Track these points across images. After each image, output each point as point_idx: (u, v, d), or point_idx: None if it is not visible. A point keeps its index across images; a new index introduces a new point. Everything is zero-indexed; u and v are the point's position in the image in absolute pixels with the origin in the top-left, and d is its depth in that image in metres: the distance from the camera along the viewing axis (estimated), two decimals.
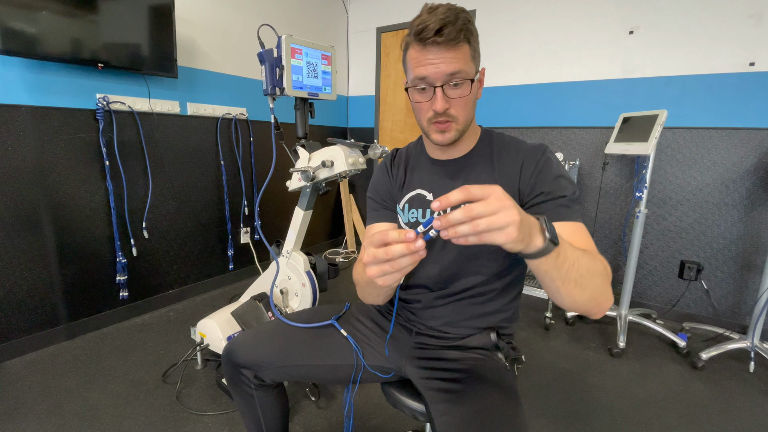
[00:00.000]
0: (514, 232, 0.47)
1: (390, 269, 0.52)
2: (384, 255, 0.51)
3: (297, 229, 1.74)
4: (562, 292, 0.60)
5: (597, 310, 0.66)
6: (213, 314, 1.72)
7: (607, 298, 0.65)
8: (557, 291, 0.61)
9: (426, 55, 0.71)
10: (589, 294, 0.61)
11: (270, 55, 1.51)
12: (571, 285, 0.59)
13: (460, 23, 0.69)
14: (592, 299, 0.63)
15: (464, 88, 0.73)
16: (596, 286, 0.62)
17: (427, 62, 0.71)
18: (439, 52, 0.70)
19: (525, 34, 2.69)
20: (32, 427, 1.39)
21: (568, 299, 0.62)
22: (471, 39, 0.73)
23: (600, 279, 0.62)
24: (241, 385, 0.95)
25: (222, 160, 2.56)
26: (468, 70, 0.72)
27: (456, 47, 0.70)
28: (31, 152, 1.77)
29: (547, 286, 0.61)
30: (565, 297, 0.61)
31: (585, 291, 0.61)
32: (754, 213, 2.15)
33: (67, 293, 1.95)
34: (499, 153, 0.83)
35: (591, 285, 0.61)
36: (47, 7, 1.63)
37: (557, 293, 0.61)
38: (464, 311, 0.88)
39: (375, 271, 0.53)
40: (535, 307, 2.51)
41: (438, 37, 0.68)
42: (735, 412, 1.58)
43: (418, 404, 0.86)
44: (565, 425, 1.48)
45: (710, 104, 2.19)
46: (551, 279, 0.59)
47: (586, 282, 0.60)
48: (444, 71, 0.71)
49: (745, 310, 2.21)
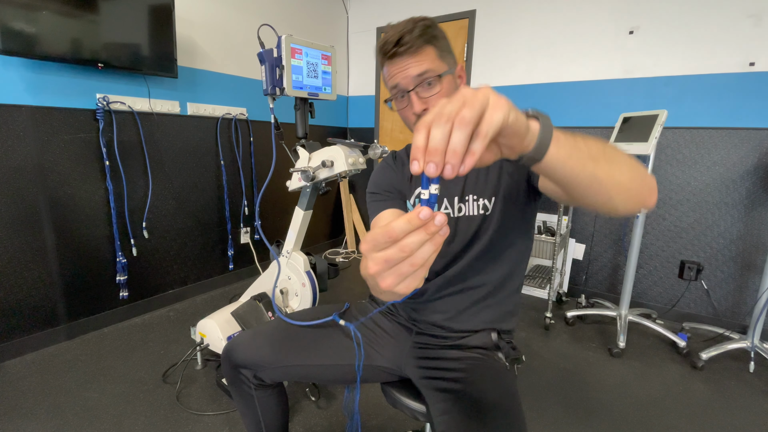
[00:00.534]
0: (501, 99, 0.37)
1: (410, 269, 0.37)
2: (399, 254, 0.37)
3: (297, 229, 1.74)
4: (600, 175, 0.48)
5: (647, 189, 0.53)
6: (213, 314, 1.72)
7: (648, 175, 0.54)
8: (595, 175, 0.48)
9: (393, 67, 0.77)
10: (627, 168, 0.51)
11: (270, 55, 1.51)
12: (602, 162, 0.48)
13: (417, 31, 0.74)
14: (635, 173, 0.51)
15: (436, 86, 0.77)
16: (627, 159, 0.52)
17: (396, 72, 0.77)
18: (403, 60, 0.76)
19: (525, 34, 2.69)
20: (32, 427, 1.39)
21: (611, 182, 0.49)
22: (434, 42, 0.76)
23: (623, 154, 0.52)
24: (241, 385, 0.95)
25: (222, 160, 2.56)
26: (436, 68, 0.76)
27: (418, 52, 0.75)
28: (31, 152, 1.77)
29: (582, 179, 0.48)
30: (607, 181, 0.49)
31: (622, 166, 0.50)
32: (754, 213, 2.15)
33: (67, 293, 1.95)
34: None
35: (621, 158, 0.51)
36: (47, 7, 1.62)
37: (597, 180, 0.49)
38: (466, 304, 0.88)
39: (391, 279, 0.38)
40: (535, 307, 2.51)
41: (398, 47, 0.74)
42: (735, 412, 1.58)
43: (418, 404, 0.86)
44: (565, 425, 1.48)
45: (710, 104, 2.19)
46: (581, 162, 0.47)
47: (614, 155, 0.50)
48: (411, 75, 0.75)
49: (745, 310, 2.21)
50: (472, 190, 0.85)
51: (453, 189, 0.86)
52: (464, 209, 0.85)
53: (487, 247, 0.84)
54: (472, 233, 0.84)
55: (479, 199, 0.84)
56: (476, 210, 0.84)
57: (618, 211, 0.53)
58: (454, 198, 0.86)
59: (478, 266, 0.86)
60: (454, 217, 0.86)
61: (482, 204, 0.84)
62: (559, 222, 2.21)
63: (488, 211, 0.83)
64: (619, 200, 0.51)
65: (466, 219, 0.85)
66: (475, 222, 0.84)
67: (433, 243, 0.37)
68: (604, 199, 0.51)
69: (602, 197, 0.51)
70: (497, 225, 0.83)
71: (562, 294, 2.60)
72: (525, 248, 0.89)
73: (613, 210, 0.53)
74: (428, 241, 0.36)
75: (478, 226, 0.84)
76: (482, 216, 0.84)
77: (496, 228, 0.83)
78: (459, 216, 0.86)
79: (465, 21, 2.90)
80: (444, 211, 0.85)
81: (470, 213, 0.85)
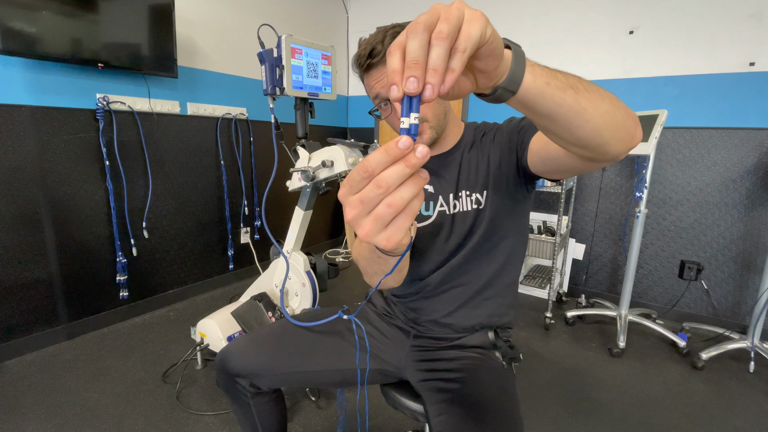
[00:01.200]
0: (475, 11, 0.34)
1: (388, 210, 0.33)
2: (375, 190, 0.32)
3: (297, 229, 1.74)
4: (582, 104, 0.45)
5: (632, 122, 0.51)
6: (213, 314, 1.72)
7: (633, 116, 0.51)
8: (577, 104, 0.45)
9: (371, 78, 0.79)
10: (608, 98, 0.48)
11: (270, 55, 1.51)
12: (582, 91, 0.45)
13: (388, 40, 0.74)
14: (616, 104, 0.49)
15: None
16: (603, 90, 0.49)
17: (373, 83, 0.79)
18: (378, 71, 0.77)
19: (525, 34, 2.69)
20: (32, 427, 1.39)
21: (594, 112, 0.46)
22: None
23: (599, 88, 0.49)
24: (237, 393, 0.93)
25: (222, 160, 2.56)
26: None
27: None
28: (31, 152, 1.77)
29: (563, 110, 0.45)
30: (591, 110, 0.46)
31: (602, 95, 0.47)
32: (754, 213, 2.15)
33: (67, 293, 1.95)
34: (481, 137, 0.87)
35: (598, 89, 0.48)
36: (47, 7, 1.63)
37: (580, 109, 0.45)
38: (464, 298, 0.88)
39: (369, 225, 0.34)
40: (535, 307, 2.51)
41: (371, 59, 0.76)
42: (735, 412, 1.58)
43: (418, 405, 0.86)
44: (565, 425, 1.48)
45: (710, 104, 2.19)
46: (560, 91, 0.44)
47: (590, 85, 0.47)
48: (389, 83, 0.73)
49: (745, 310, 2.21)
50: (465, 186, 0.85)
51: (447, 186, 0.86)
52: (458, 205, 0.85)
53: (481, 240, 0.84)
54: (468, 228, 0.85)
55: (472, 193, 0.84)
56: (469, 205, 0.84)
57: (610, 147, 0.50)
58: (449, 195, 0.86)
59: (474, 260, 0.86)
60: (450, 213, 0.86)
61: (475, 198, 0.84)
62: (559, 222, 2.21)
63: (481, 204, 0.84)
64: (608, 132, 0.48)
65: (461, 215, 0.85)
66: (470, 217, 0.84)
67: (414, 183, 0.32)
68: (593, 131, 0.48)
69: (590, 129, 0.47)
70: (490, 217, 0.83)
71: (562, 294, 2.60)
72: (520, 240, 0.89)
73: (605, 146, 0.50)
74: (409, 180, 0.32)
75: (473, 221, 0.84)
76: (476, 210, 0.84)
77: (489, 220, 0.83)
78: (455, 212, 0.86)
79: None
80: (440, 208, 0.86)
81: (464, 209, 0.85)
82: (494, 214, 0.83)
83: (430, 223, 0.86)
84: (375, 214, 0.33)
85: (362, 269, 0.73)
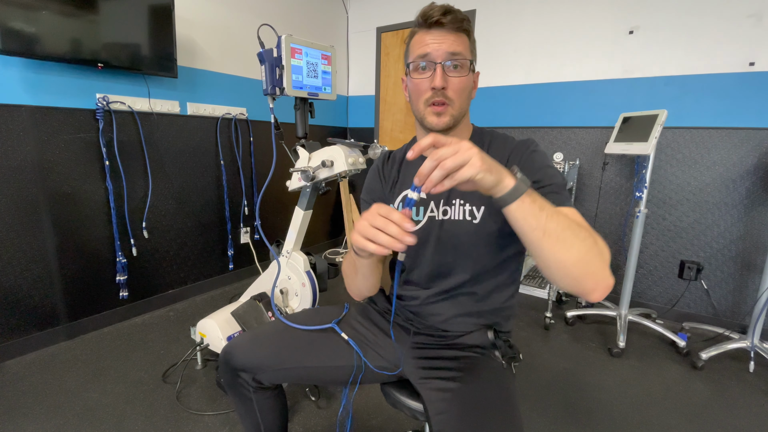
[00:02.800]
0: (478, 161, 0.53)
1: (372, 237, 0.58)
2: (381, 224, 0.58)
3: (297, 229, 1.74)
4: (545, 248, 0.59)
5: (590, 282, 0.61)
6: (213, 314, 1.72)
7: (602, 270, 0.61)
8: (541, 247, 0.59)
9: (430, 36, 0.77)
10: (576, 255, 0.59)
11: (270, 55, 1.51)
12: (552, 239, 0.58)
13: (463, 15, 0.77)
14: (582, 264, 0.59)
15: (463, 71, 0.78)
16: (583, 249, 0.59)
17: (431, 41, 0.77)
18: (442, 33, 0.77)
19: (525, 34, 2.69)
20: (32, 427, 1.39)
21: (554, 257, 0.59)
22: (470, 34, 0.80)
23: (588, 244, 0.60)
24: (239, 388, 0.93)
25: (222, 160, 2.56)
26: (467, 55, 0.79)
27: (458, 33, 0.78)
28: (31, 152, 1.77)
29: (530, 244, 0.60)
30: (550, 254, 0.59)
31: (571, 250, 0.59)
32: (754, 213, 2.15)
33: (67, 293, 1.95)
34: (488, 148, 0.86)
35: (577, 245, 0.59)
36: (47, 7, 1.63)
37: (542, 251, 0.59)
38: (462, 308, 0.88)
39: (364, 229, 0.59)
40: (535, 307, 2.51)
41: (443, 17, 0.75)
42: (735, 412, 1.58)
43: (418, 404, 0.86)
44: (565, 425, 1.48)
45: (710, 104, 2.19)
46: (532, 229, 0.58)
47: (570, 239, 0.59)
48: (446, 50, 0.76)
49: (745, 310, 2.21)
50: (460, 195, 0.84)
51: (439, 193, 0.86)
52: (450, 212, 0.84)
53: (479, 257, 0.83)
54: (462, 240, 0.83)
55: (466, 203, 0.83)
56: (462, 215, 0.83)
57: (556, 282, 0.63)
58: (440, 200, 0.85)
59: (472, 275, 0.85)
60: (438, 219, 0.85)
61: (469, 210, 0.82)
62: None
63: (476, 219, 0.82)
64: (555, 274, 0.61)
65: (451, 223, 0.84)
66: (463, 227, 0.83)
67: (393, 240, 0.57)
68: (542, 265, 0.62)
69: (541, 262, 0.62)
70: (487, 234, 0.81)
71: (562, 294, 2.60)
72: (519, 253, 0.88)
73: (551, 279, 0.63)
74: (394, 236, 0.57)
75: (467, 233, 0.83)
76: (468, 222, 0.82)
77: (486, 236, 0.82)
78: (444, 219, 0.85)
79: None
80: (430, 214, 0.86)
81: (456, 217, 0.84)
82: (492, 230, 0.81)
83: (418, 229, 0.86)
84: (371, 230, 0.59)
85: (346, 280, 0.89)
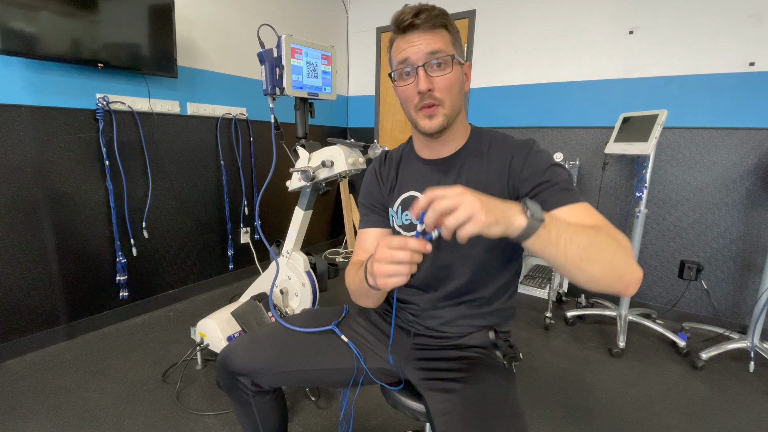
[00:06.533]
0: (482, 217, 0.51)
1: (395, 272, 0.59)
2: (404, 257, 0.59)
3: (297, 229, 1.74)
4: (571, 270, 0.59)
5: (621, 284, 0.61)
6: (213, 314, 1.72)
7: (630, 269, 0.61)
8: (566, 269, 0.59)
9: (406, 41, 0.75)
10: (601, 267, 0.59)
11: (270, 55, 1.51)
12: (576, 260, 0.58)
13: (436, 11, 0.74)
14: (610, 272, 0.60)
15: (446, 68, 0.75)
16: (608, 258, 0.60)
17: (408, 46, 0.74)
18: (418, 35, 0.74)
19: (525, 34, 2.69)
20: (32, 427, 1.39)
21: (581, 275, 0.59)
22: (449, 28, 0.76)
23: (611, 250, 0.60)
24: (238, 392, 0.92)
25: (222, 160, 2.56)
26: (448, 50, 0.75)
27: (434, 31, 0.74)
28: (31, 152, 1.77)
29: (555, 267, 0.61)
30: (577, 274, 0.59)
31: (595, 264, 0.59)
32: (754, 213, 2.15)
33: (67, 293, 1.95)
34: (488, 149, 0.83)
35: (600, 257, 0.59)
36: (47, 7, 1.62)
37: (568, 272, 0.60)
38: (462, 310, 0.88)
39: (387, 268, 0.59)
40: (535, 307, 2.51)
41: (415, 19, 0.72)
42: (735, 412, 1.58)
43: (418, 405, 0.86)
44: (565, 425, 1.48)
45: (710, 104, 2.19)
46: (552, 257, 0.58)
47: (593, 255, 0.58)
48: (424, 50, 0.73)
49: (745, 310, 2.21)
50: None
51: None
52: None
53: (479, 260, 0.83)
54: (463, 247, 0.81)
55: None
56: None
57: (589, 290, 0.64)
58: None
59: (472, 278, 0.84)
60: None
61: None
62: None
63: None
64: (586, 286, 0.61)
65: None
66: None
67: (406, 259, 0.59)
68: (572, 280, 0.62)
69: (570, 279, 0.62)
70: (489, 243, 0.79)
71: (562, 294, 2.60)
72: (518, 254, 0.88)
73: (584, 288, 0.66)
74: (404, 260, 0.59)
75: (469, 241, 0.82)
76: None
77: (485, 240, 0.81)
78: None
79: (465, 21, 2.90)
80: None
81: None
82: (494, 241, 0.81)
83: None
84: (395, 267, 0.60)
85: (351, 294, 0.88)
